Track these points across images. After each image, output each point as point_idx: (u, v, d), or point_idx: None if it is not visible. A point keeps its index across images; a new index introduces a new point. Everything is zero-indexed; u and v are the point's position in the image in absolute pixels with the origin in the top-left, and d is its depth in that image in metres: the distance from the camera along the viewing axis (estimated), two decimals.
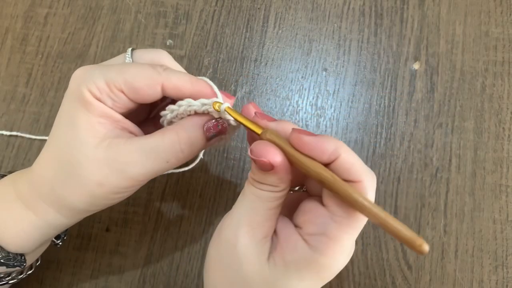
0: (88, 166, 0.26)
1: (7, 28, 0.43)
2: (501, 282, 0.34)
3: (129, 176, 0.26)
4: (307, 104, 0.39)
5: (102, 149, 0.26)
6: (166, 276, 0.36)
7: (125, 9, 0.43)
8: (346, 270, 0.35)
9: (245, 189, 0.26)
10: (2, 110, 0.41)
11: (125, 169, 0.26)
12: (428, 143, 0.38)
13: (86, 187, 0.26)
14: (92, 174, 0.26)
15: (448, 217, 0.36)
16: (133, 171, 0.26)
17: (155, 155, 0.26)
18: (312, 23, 0.41)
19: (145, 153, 0.26)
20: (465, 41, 0.40)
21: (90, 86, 0.26)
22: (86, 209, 0.28)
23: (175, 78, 0.27)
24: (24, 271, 0.31)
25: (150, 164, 0.26)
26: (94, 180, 0.26)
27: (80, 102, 0.26)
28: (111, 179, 0.26)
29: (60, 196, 0.27)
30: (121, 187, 0.27)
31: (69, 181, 0.26)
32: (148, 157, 0.26)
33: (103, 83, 0.26)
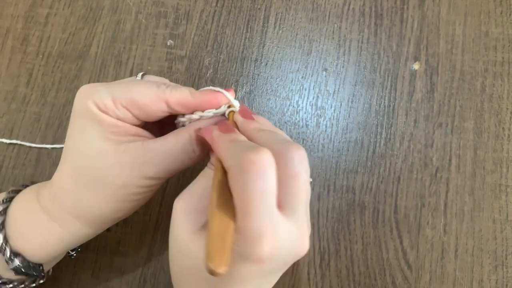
0: (110, 171, 0.26)
1: (7, 28, 0.43)
2: (501, 282, 0.35)
3: (149, 176, 0.27)
4: (307, 104, 0.39)
5: (120, 153, 0.26)
6: (167, 275, 0.36)
7: (126, 9, 0.43)
8: (346, 270, 0.35)
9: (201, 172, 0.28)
10: (3, 110, 0.41)
11: (145, 170, 0.27)
12: (428, 143, 0.38)
13: (110, 192, 0.27)
14: (116, 178, 0.26)
15: (448, 217, 0.36)
16: (152, 171, 0.27)
17: (170, 156, 0.27)
18: (312, 23, 0.41)
19: (162, 154, 0.27)
20: (465, 41, 0.40)
21: (96, 101, 0.26)
22: (112, 217, 0.28)
23: (178, 94, 0.27)
24: (36, 280, 0.31)
25: (167, 164, 0.27)
26: (118, 184, 0.27)
27: (88, 116, 0.27)
28: (133, 180, 0.27)
29: (85, 207, 0.27)
30: (142, 186, 0.27)
31: (93, 189, 0.27)
32: (164, 158, 0.27)
33: (109, 100, 0.26)
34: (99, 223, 0.29)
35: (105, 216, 0.28)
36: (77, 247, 0.34)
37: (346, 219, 0.36)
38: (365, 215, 0.36)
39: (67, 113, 0.40)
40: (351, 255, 0.36)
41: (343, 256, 0.36)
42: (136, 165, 0.27)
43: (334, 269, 0.36)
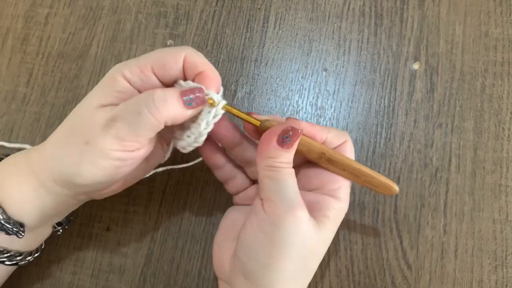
0: (79, 125, 0.28)
1: (8, 28, 0.43)
2: (501, 282, 0.35)
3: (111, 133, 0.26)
4: (307, 104, 0.39)
5: (101, 112, 0.27)
6: (166, 275, 0.36)
7: (126, 9, 0.43)
8: (346, 270, 0.35)
9: (271, 175, 0.28)
10: (3, 110, 0.41)
11: (110, 126, 0.27)
12: (428, 143, 0.38)
13: (75, 148, 0.27)
14: (84, 133, 0.27)
15: (448, 217, 0.36)
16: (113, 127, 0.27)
17: (131, 109, 0.27)
18: (312, 23, 0.41)
19: (124, 107, 0.27)
20: (465, 41, 0.40)
21: (124, 71, 0.28)
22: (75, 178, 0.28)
23: (196, 54, 0.29)
24: (32, 253, 0.32)
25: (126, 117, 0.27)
26: (83, 139, 0.27)
27: (107, 80, 0.29)
28: (96, 137, 0.27)
29: (56, 159, 0.28)
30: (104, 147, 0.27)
31: (65, 141, 0.28)
32: (125, 110, 0.27)
33: (136, 68, 0.28)
34: (66, 181, 0.28)
35: (68, 172, 0.28)
36: (63, 223, 0.34)
37: (346, 219, 0.36)
38: (365, 215, 0.36)
39: (67, 113, 0.40)
40: (351, 255, 0.36)
41: (343, 256, 0.36)
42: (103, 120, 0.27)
43: (334, 269, 0.36)
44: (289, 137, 0.28)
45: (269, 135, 0.28)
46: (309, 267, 0.29)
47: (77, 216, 0.38)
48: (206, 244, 0.37)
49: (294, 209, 0.27)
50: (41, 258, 0.37)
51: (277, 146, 0.28)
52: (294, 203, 0.27)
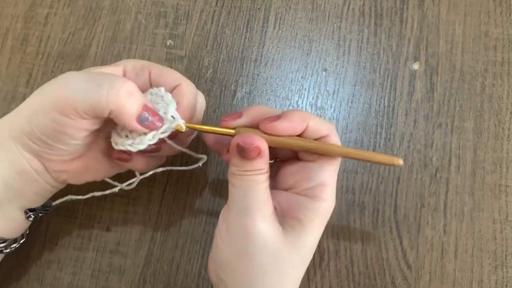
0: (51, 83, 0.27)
1: (7, 28, 0.43)
2: (501, 282, 0.35)
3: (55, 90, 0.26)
4: (307, 104, 0.39)
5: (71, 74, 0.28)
6: (166, 275, 0.36)
7: (126, 9, 0.43)
8: (346, 270, 0.35)
9: (234, 182, 0.27)
10: (3, 110, 0.41)
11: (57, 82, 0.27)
12: (427, 143, 0.38)
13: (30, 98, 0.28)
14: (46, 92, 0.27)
15: (448, 217, 0.36)
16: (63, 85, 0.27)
17: (93, 78, 0.26)
18: (312, 23, 0.41)
19: (88, 75, 0.27)
20: (465, 41, 0.40)
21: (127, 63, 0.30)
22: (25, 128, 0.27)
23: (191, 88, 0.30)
24: (16, 240, 0.32)
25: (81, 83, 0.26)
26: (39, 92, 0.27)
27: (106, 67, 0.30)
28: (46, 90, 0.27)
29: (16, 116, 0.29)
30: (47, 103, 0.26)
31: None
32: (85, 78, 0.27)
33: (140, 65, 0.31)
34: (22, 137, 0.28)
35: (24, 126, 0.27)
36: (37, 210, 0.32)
37: (346, 219, 0.36)
38: (364, 215, 0.36)
39: None
40: (351, 255, 0.36)
41: (342, 256, 0.36)
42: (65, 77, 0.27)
43: (334, 269, 0.36)
44: (243, 151, 0.26)
45: (231, 151, 0.27)
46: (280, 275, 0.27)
47: (77, 217, 0.38)
48: (206, 244, 0.37)
49: (247, 217, 0.26)
50: (41, 258, 0.37)
51: (238, 157, 0.27)
52: (249, 211, 0.26)
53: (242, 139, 0.26)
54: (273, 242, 0.26)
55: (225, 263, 0.27)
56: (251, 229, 0.26)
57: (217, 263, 0.28)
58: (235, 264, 0.27)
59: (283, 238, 0.26)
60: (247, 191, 0.27)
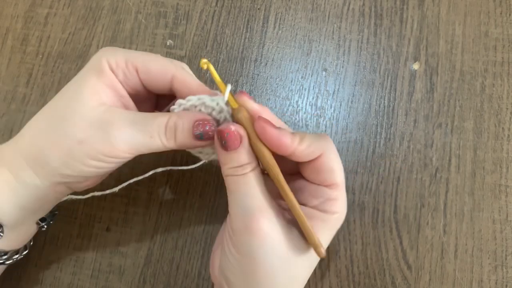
0: (77, 123, 0.27)
1: (7, 28, 0.43)
2: (501, 282, 0.35)
3: (110, 140, 0.27)
4: (307, 104, 0.39)
5: (98, 111, 0.27)
6: (166, 276, 0.36)
7: (126, 9, 0.43)
8: (346, 270, 0.35)
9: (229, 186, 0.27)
10: (3, 110, 0.41)
11: (109, 132, 0.27)
12: (427, 143, 0.38)
13: (65, 142, 0.27)
14: (77, 131, 0.27)
15: (448, 217, 0.36)
16: (115, 136, 0.27)
17: (141, 127, 0.27)
18: (312, 23, 0.41)
19: (133, 122, 0.27)
20: (465, 41, 0.40)
21: (109, 59, 0.28)
22: (60, 171, 0.27)
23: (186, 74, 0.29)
24: (19, 251, 0.31)
25: (133, 134, 0.27)
26: (77, 137, 0.27)
27: (94, 69, 0.28)
28: (93, 139, 0.27)
29: (37, 149, 0.27)
30: (99, 151, 0.27)
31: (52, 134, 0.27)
32: (133, 127, 0.27)
33: (122, 59, 0.28)
34: (48, 174, 0.28)
35: (53, 166, 0.27)
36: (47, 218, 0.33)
37: (346, 219, 0.36)
38: (364, 215, 0.36)
39: None
40: (351, 255, 0.36)
41: (342, 256, 0.36)
42: (103, 126, 0.27)
43: (334, 269, 0.36)
44: (223, 139, 0.26)
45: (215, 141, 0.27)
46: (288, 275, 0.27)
47: (77, 217, 0.38)
48: (206, 244, 0.37)
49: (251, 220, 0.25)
50: (41, 258, 0.37)
51: (222, 150, 0.26)
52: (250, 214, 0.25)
53: (222, 127, 0.26)
54: (282, 245, 0.26)
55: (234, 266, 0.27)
56: (257, 232, 0.25)
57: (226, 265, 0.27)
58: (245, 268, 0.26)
59: (290, 240, 0.26)
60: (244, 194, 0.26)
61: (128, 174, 0.36)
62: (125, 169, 0.33)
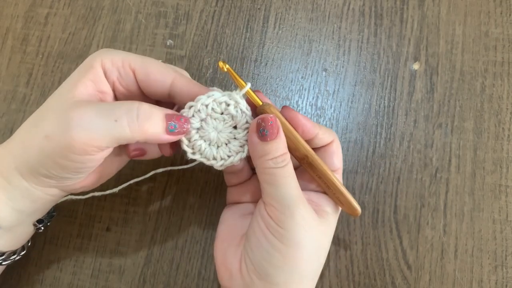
0: (47, 118, 0.26)
1: (7, 28, 0.43)
2: (501, 282, 0.35)
3: (70, 133, 0.25)
4: (307, 104, 0.39)
5: (66, 103, 0.26)
6: (166, 275, 0.36)
7: (126, 9, 0.43)
8: (346, 270, 0.35)
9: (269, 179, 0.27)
10: (3, 110, 0.41)
11: (71, 124, 0.25)
12: (427, 143, 0.38)
13: (36, 140, 0.26)
14: (45, 126, 0.26)
15: (448, 217, 0.36)
16: (78, 127, 0.25)
17: (106, 113, 0.25)
18: (312, 23, 0.41)
19: (98, 109, 0.25)
20: (465, 41, 0.40)
21: (105, 57, 0.27)
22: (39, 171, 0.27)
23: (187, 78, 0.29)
24: (16, 252, 0.31)
25: (96, 120, 0.25)
26: (44, 132, 0.26)
27: (84, 66, 0.28)
28: (56, 133, 0.25)
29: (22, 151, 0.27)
30: (62, 146, 0.25)
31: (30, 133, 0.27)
32: (98, 115, 0.25)
33: (119, 59, 0.28)
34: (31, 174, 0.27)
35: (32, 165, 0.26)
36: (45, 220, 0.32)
37: (346, 219, 0.36)
38: (364, 215, 0.36)
39: None
40: (351, 255, 0.36)
41: (342, 256, 0.36)
42: (67, 118, 0.25)
43: (334, 269, 0.36)
44: (265, 128, 0.27)
45: (250, 134, 0.28)
46: (320, 261, 0.29)
47: (77, 217, 0.38)
48: (206, 244, 0.37)
49: (294, 211, 0.27)
50: (41, 258, 0.37)
51: (260, 142, 0.27)
52: (293, 205, 0.27)
53: (262, 117, 0.27)
54: (318, 230, 0.28)
55: (272, 256, 0.27)
56: (301, 220, 0.27)
57: (259, 258, 0.28)
58: (286, 255, 0.27)
59: (322, 226, 0.28)
60: (284, 186, 0.27)
61: (128, 174, 0.36)
62: (125, 169, 0.33)
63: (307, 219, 0.27)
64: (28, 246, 0.33)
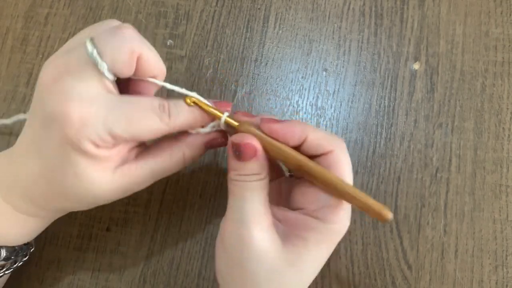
0: (103, 195, 0.27)
1: (7, 28, 0.43)
2: (501, 282, 0.34)
3: (134, 191, 0.28)
4: (307, 104, 0.39)
5: (116, 179, 0.26)
6: (166, 275, 0.36)
7: (126, 9, 0.43)
8: (346, 270, 0.35)
9: (232, 190, 0.26)
10: (3, 110, 0.41)
11: (134, 189, 0.28)
12: (428, 143, 0.38)
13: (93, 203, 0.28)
14: (106, 199, 0.27)
15: (448, 217, 0.36)
16: (140, 188, 0.28)
17: (162, 173, 0.28)
18: (312, 23, 0.41)
19: (154, 173, 0.28)
20: (465, 41, 0.40)
21: (93, 139, 0.24)
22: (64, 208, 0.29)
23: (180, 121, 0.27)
24: (18, 259, 0.31)
25: (155, 179, 0.29)
26: (105, 200, 0.28)
27: (82, 153, 0.24)
28: (118, 196, 0.28)
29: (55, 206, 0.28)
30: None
31: (75, 199, 0.27)
32: (155, 177, 0.28)
33: (107, 136, 0.24)
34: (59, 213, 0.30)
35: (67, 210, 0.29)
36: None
37: None
38: (365, 215, 0.36)
39: None
40: (351, 255, 0.36)
41: (343, 256, 0.36)
42: (129, 186, 0.27)
43: (334, 269, 0.35)
44: (238, 151, 0.26)
45: (228, 148, 0.27)
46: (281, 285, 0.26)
47: (77, 217, 0.38)
48: (206, 244, 0.37)
49: (243, 227, 0.25)
50: (41, 258, 0.37)
51: (234, 159, 0.26)
52: (245, 221, 0.25)
53: (238, 138, 0.26)
54: (269, 255, 0.25)
55: (223, 271, 0.27)
56: (246, 240, 0.25)
57: (217, 269, 0.28)
58: (232, 274, 0.26)
59: (281, 253, 0.25)
60: (244, 200, 0.26)
61: None
62: None
63: (257, 242, 0.25)
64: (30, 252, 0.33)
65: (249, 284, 0.25)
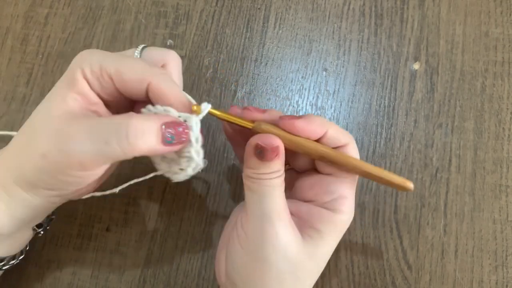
0: (40, 136, 0.26)
1: (7, 28, 0.43)
2: (501, 282, 0.34)
3: (68, 153, 0.25)
4: (307, 104, 0.39)
5: (60, 121, 0.25)
6: (166, 275, 0.36)
7: (126, 9, 0.43)
8: (346, 270, 0.35)
9: (251, 186, 0.26)
10: (3, 110, 0.41)
11: (67, 145, 0.25)
12: (428, 143, 0.38)
13: (32, 158, 0.26)
14: (40, 144, 0.25)
15: (448, 217, 0.36)
16: (73, 148, 0.25)
17: (96, 134, 0.25)
18: (312, 23, 0.41)
19: (89, 131, 0.25)
20: (465, 41, 0.40)
21: (85, 67, 0.26)
22: (38, 184, 0.27)
23: (164, 83, 0.27)
24: (15, 257, 0.31)
25: (88, 144, 0.25)
26: (39, 151, 0.25)
27: (68, 79, 0.27)
28: (53, 153, 0.25)
29: (17, 166, 0.27)
30: (61, 165, 0.25)
31: (23, 149, 0.26)
32: (89, 136, 0.25)
33: (97, 67, 0.26)
34: (32, 189, 0.27)
35: (32, 182, 0.26)
36: (44, 224, 0.32)
37: None
38: (365, 215, 0.36)
39: None
40: (351, 255, 0.36)
41: (343, 256, 0.36)
42: (62, 138, 0.25)
43: (334, 269, 0.36)
44: (262, 152, 0.25)
45: (247, 147, 0.26)
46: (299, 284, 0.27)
47: (77, 217, 0.38)
48: (206, 244, 0.37)
49: (267, 224, 0.25)
50: (41, 258, 0.37)
51: (255, 159, 0.26)
52: (268, 217, 0.25)
53: (262, 139, 0.26)
54: (293, 250, 0.26)
55: (241, 268, 0.27)
56: (271, 236, 0.25)
57: (232, 267, 0.27)
58: (253, 270, 0.26)
59: (302, 246, 0.26)
60: (265, 196, 0.26)
61: (128, 174, 0.36)
62: (126, 169, 0.33)
63: (281, 237, 0.25)
64: (27, 250, 0.33)
65: (272, 278, 0.26)
